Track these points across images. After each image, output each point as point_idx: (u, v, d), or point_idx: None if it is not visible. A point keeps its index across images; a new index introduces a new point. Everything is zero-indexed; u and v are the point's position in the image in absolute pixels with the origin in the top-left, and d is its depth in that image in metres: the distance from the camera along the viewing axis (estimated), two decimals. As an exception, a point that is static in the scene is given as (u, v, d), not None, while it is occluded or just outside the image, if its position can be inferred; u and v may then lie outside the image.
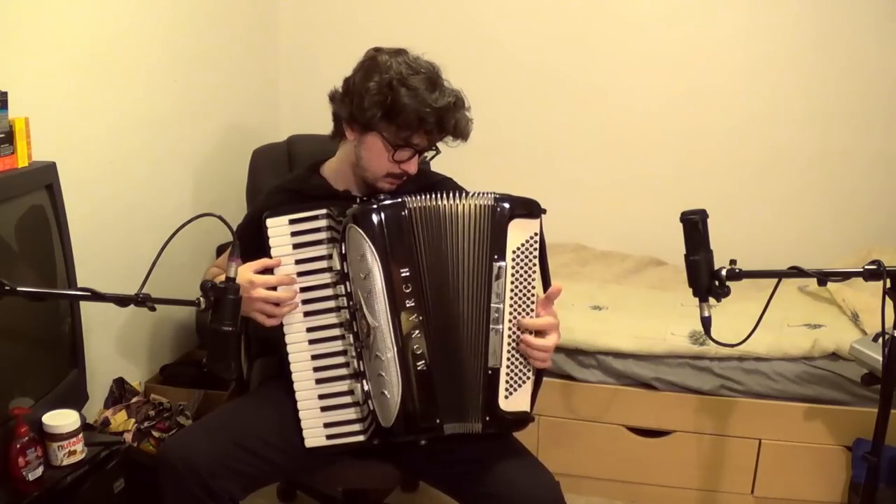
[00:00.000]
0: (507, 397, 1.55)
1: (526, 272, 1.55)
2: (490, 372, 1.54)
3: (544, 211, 1.58)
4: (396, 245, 1.53)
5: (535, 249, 1.56)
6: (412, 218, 1.54)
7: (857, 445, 2.27)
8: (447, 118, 1.60)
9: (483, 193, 1.56)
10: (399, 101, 1.56)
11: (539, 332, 1.56)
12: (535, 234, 1.56)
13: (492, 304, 1.53)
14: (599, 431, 2.45)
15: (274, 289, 1.57)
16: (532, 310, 1.56)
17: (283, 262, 1.60)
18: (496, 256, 1.53)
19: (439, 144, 1.68)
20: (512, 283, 1.54)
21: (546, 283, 1.62)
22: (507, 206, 1.54)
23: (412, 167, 1.64)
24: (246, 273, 1.55)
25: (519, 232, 1.54)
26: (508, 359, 1.55)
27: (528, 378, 1.57)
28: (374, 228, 1.52)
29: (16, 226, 1.66)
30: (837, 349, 2.30)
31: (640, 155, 3.22)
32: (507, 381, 1.55)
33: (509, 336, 1.55)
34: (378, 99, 1.58)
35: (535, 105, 3.26)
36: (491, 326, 1.54)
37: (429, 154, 1.69)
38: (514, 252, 1.54)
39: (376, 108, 1.58)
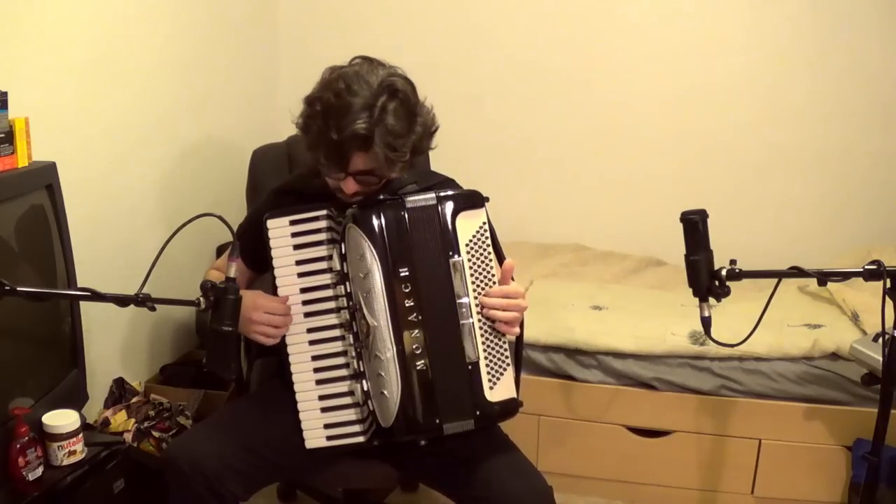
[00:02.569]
0: (492, 388, 1.55)
1: (483, 262, 1.56)
2: (470, 367, 1.54)
3: (487, 199, 1.58)
4: (395, 245, 1.53)
5: (487, 238, 1.57)
6: (411, 217, 1.54)
7: (857, 445, 2.27)
8: (347, 150, 1.49)
9: (427, 195, 1.56)
10: (308, 121, 1.55)
11: (501, 304, 1.56)
12: (484, 224, 1.57)
13: (457, 300, 1.54)
14: (599, 431, 2.45)
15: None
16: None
17: (284, 263, 1.59)
18: (450, 253, 1.54)
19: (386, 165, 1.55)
20: (471, 275, 1.55)
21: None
22: (450, 203, 1.55)
23: (347, 187, 1.56)
24: (252, 295, 1.56)
25: (467, 224, 1.55)
26: (484, 350, 1.55)
27: (508, 364, 1.57)
28: (374, 228, 1.53)
29: (16, 226, 1.66)
30: (837, 349, 2.29)
31: (640, 155, 3.22)
32: (488, 373, 1.55)
33: (480, 328, 1.55)
34: (302, 116, 1.58)
35: (535, 105, 3.26)
36: (461, 322, 1.54)
37: (392, 174, 1.59)
38: (466, 245, 1.55)
39: (298, 129, 1.59)
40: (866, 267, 1.48)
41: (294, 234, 1.60)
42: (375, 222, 1.53)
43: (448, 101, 3.20)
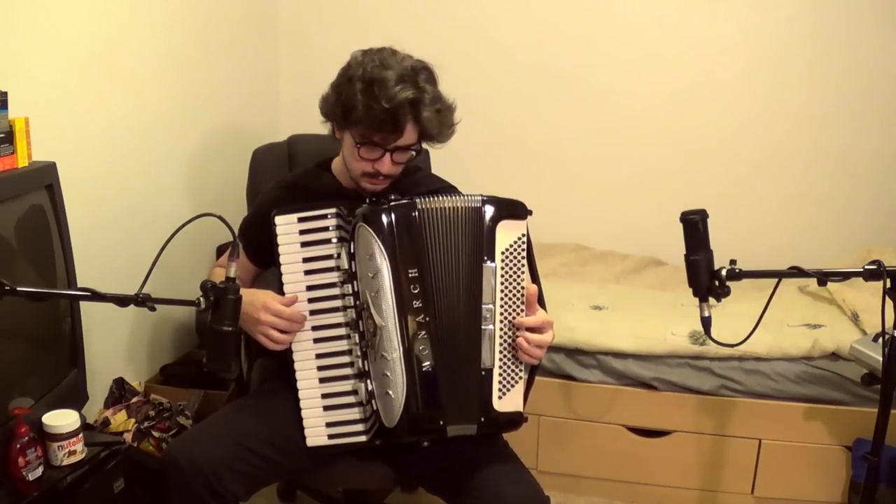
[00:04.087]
0: (500, 398, 1.55)
1: (515, 273, 1.56)
2: (483, 373, 1.54)
3: (530, 212, 1.59)
4: (406, 245, 1.53)
5: (523, 250, 1.57)
6: (422, 218, 1.54)
7: (857, 445, 2.27)
8: (401, 116, 1.54)
9: (471, 196, 1.57)
10: (351, 97, 1.55)
11: (535, 329, 1.56)
12: (523, 235, 1.57)
13: (483, 305, 1.54)
14: (599, 431, 2.45)
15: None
16: (522, 310, 1.57)
17: (291, 260, 1.60)
18: (486, 258, 1.54)
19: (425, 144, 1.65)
20: (502, 283, 1.55)
21: (535, 282, 1.63)
22: (493, 208, 1.55)
23: (383, 166, 1.61)
24: (262, 296, 1.56)
25: (507, 233, 1.56)
26: (500, 359, 1.55)
27: (520, 378, 1.57)
28: (384, 228, 1.52)
29: (16, 226, 1.66)
30: (837, 349, 2.30)
31: (640, 155, 3.22)
32: (500, 382, 1.55)
33: (500, 336, 1.55)
34: (338, 97, 1.58)
35: (536, 105, 3.26)
36: (483, 327, 1.54)
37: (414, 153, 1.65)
38: (502, 253, 1.55)
39: (337, 105, 1.58)
40: (866, 267, 1.48)
41: (302, 232, 1.60)
42: (386, 222, 1.53)
43: (448, 100, 3.24)
